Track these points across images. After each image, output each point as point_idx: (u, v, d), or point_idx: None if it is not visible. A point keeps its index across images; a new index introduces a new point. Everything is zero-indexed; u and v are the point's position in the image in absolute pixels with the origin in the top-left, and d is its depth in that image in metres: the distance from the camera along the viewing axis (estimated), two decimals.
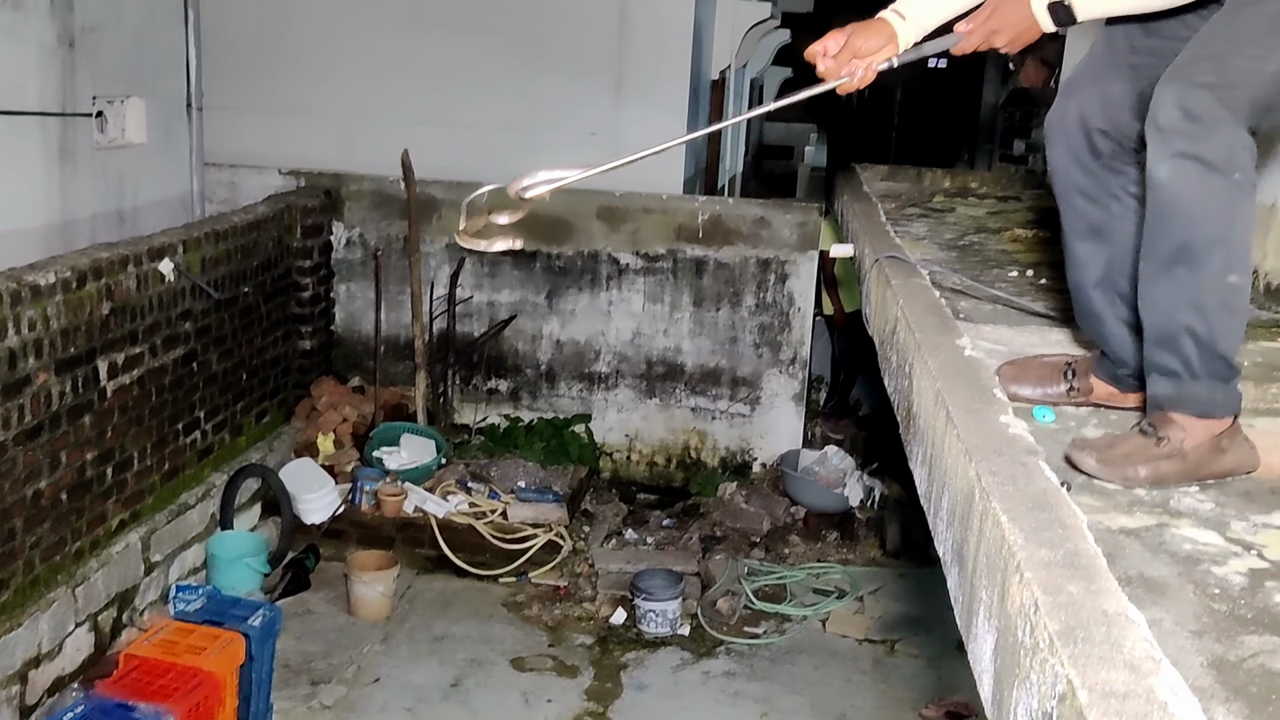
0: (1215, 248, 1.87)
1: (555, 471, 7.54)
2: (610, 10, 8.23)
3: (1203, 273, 1.88)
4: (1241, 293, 1.92)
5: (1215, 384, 1.94)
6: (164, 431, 6.08)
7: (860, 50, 2.19)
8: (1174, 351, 1.93)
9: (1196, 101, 1.85)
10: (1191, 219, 1.86)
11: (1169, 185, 1.87)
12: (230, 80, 8.05)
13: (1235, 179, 1.85)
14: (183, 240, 6.18)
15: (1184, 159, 1.85)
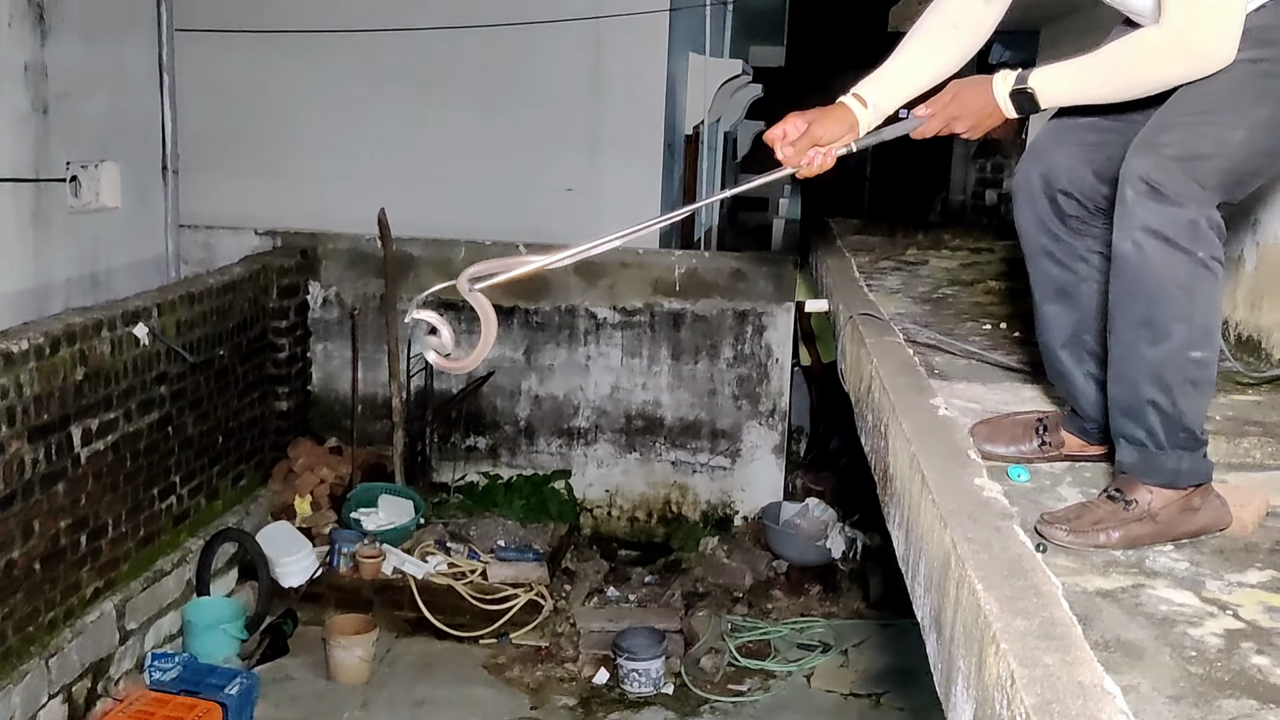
0: (1177, 324, 1.87)
1: (535, 529, 7.49)
2: (584, 69, 8.32)
3: (1165, 348, 1.88)
4: (1206, 367, 1.92)
5: (1181, 454, 1.94)
6: (139, 497, 6.02)
7: (820, 138, 2.18)
8: (1139, 423, 1.93)
9: (1163, 175, 1.85)
10: (1154, 295, 1.87)
11: (1132, 260, 1.88)
12: (206, 142, 8.07)
13: (1199, 256, 1.85)
14: (157, 303, 6.16)
15: (1148, 235, 1.85)
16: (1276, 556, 2.01)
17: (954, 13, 2.29)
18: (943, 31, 2.29)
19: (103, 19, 6.52)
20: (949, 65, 2.27)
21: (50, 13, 6.09)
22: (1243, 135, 1.91)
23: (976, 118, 2.09)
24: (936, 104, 2.13)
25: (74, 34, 6.30)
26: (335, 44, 8.17)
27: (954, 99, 2.11)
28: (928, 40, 2.30)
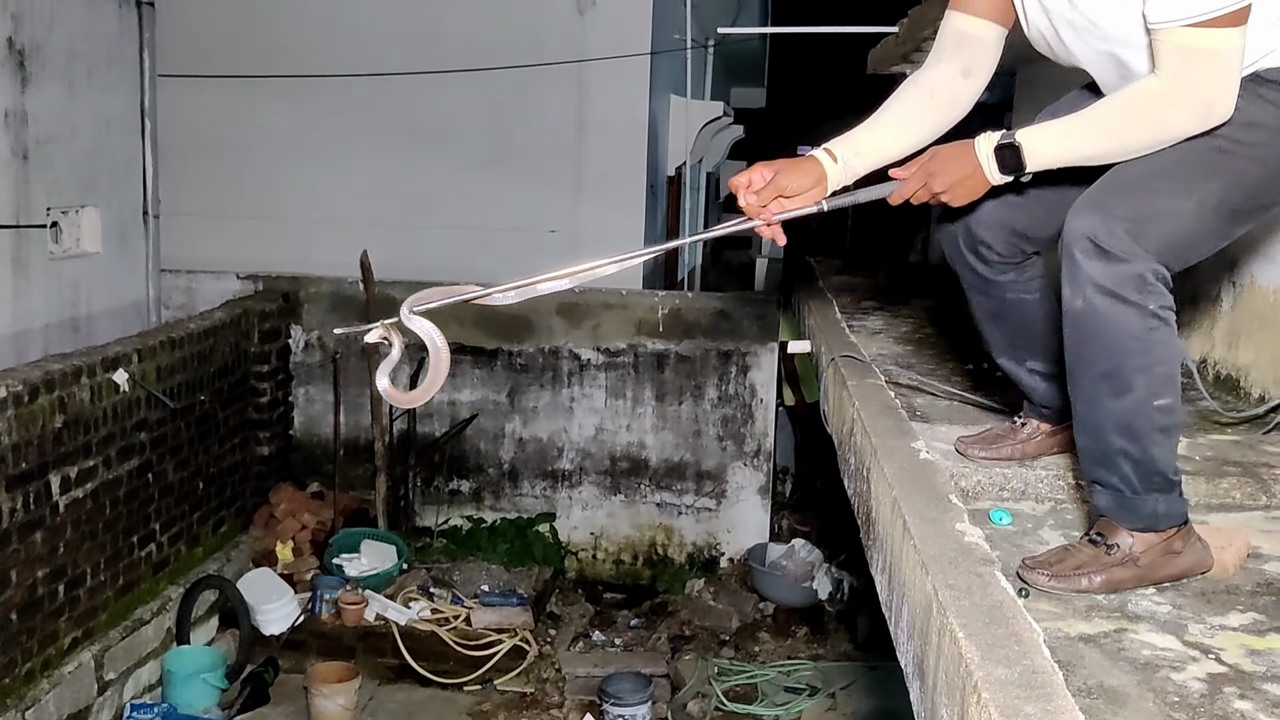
0: (1137, 375, 1.88)
1: (519, 573, 7.44)
2: (568, 112, 8.37)
3: (1129, 400, 1.89)
4: (1172, 412, 1.92)
5: (1157, 497, 1.94)
6: (118, 545, 5.96)
7: (786, 189, 2.06)
8: (1111, 470, 1.93)
9: (1108, 234, 1.85)
10: (1111, 350, 1.87)
11: (1086, 318, 1.89)
12: (188, 186, 8.07)
13: (1150, 309, 1.86)
14: (138, 349, 6.13)
15: (1098, 292, 1.86)
16: (1258, 599, 2.00)
17: (931, 84, 2.24)
18: (919, 101, 2.23)
19: (84, 65, 6.53)
20: (923, 136, 2.19)
21: (31, 59, 6.10)
22: (1192, 207, 1.92)
23: (956, 176, 1.98)
24: (912, 165, 2.03)
25: (55, 80, 6.31)
26: (317, 88, 8.21)
27: (932, 158, 2.01)
28: (903, 108, 2.23)
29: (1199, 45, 1.82)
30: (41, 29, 6.17)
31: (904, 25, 5.51)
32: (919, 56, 5.74)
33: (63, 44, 6.34)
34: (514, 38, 8.25)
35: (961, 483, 2.46)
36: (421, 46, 8.20)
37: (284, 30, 8.37)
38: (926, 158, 2.01)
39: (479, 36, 8.25)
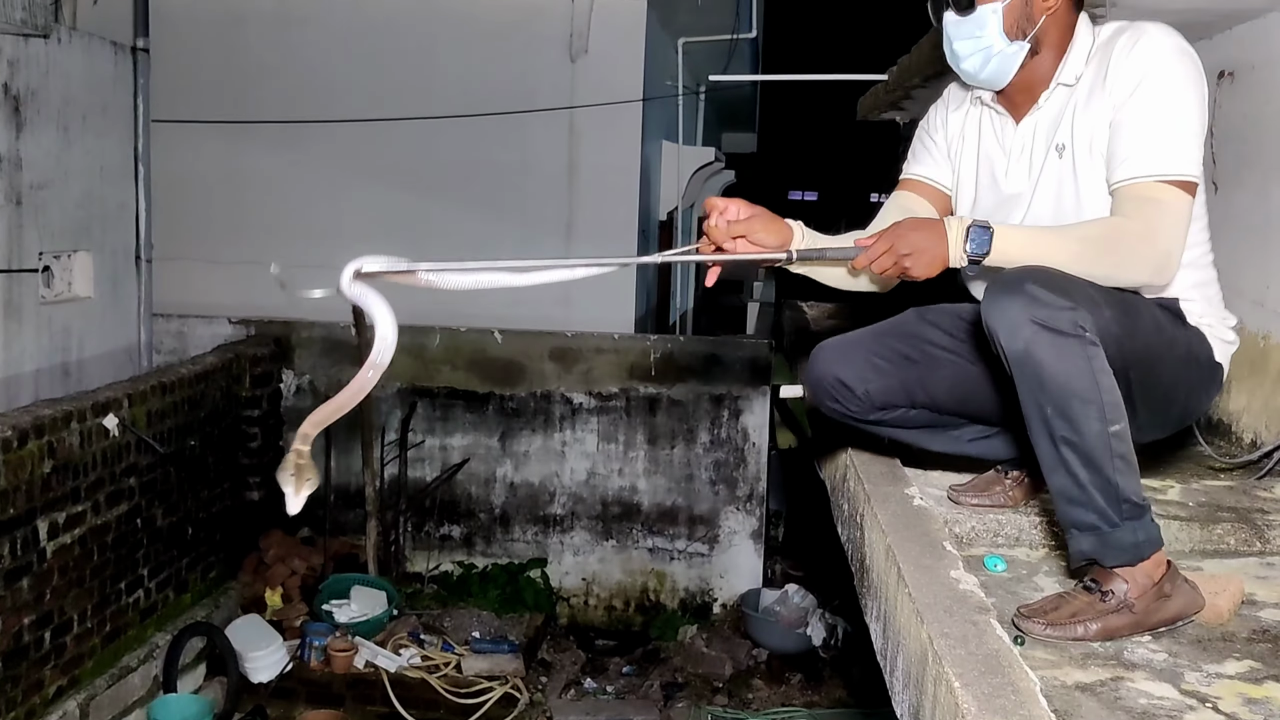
0: (1089, 407, 1.89)
1: (511, 620, 7.38)
2: (560, 157, 8.43)
3: (1087, 433, 1.90)
4: (1125, 438, 1.94)
5: (1133, 525, 1.94)
6: (105, 591, 5.90)
7: (753, 233, 2.16)
8: (1087, 507, 1.93)
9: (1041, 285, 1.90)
10: (1060, 386, 1.89)
11: (1028, 357, 1.90)
12: (180, 231, 8.09)
13: (1087, 337, 1.89)
14: (128, 394, 6.11)
15: (1036, 328, 1.88)
16: (1254, 646, 1.99)
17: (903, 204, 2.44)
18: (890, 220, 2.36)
19: (79, 111, 6.57)
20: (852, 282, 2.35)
21: (27, 105, 6.13)
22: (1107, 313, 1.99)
23: (921, 245, 2.01)
24: (885, 237, 2.03)
25: (50, 126, 6.34)
26: (309, 133, 8.26)
27: (898, 231, 2.02)
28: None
29: (1165, 199, 2.02)
30: (37, 75, 6.20)
31: (893, 73, 5.57)
32: (908, 104, 5.81)
33: (58, 90, 6.38)
34: (507, 83, 8.32)
35: (955, 529, 2.46)
36: (414, 91, 8.27)
37: (277, 76, 8.44)
38: (894, 234, 2.02)
39: (472, 82, 8.32)
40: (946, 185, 2.48)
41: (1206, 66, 3.55)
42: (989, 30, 2.15)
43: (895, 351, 2.38)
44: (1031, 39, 2.16)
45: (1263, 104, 3.30)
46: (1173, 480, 2.80)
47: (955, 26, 2.19)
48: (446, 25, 8.38)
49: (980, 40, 2.17)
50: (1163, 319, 2.17)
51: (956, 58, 2.24)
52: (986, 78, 2.23)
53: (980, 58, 2.19)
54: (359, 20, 8.40)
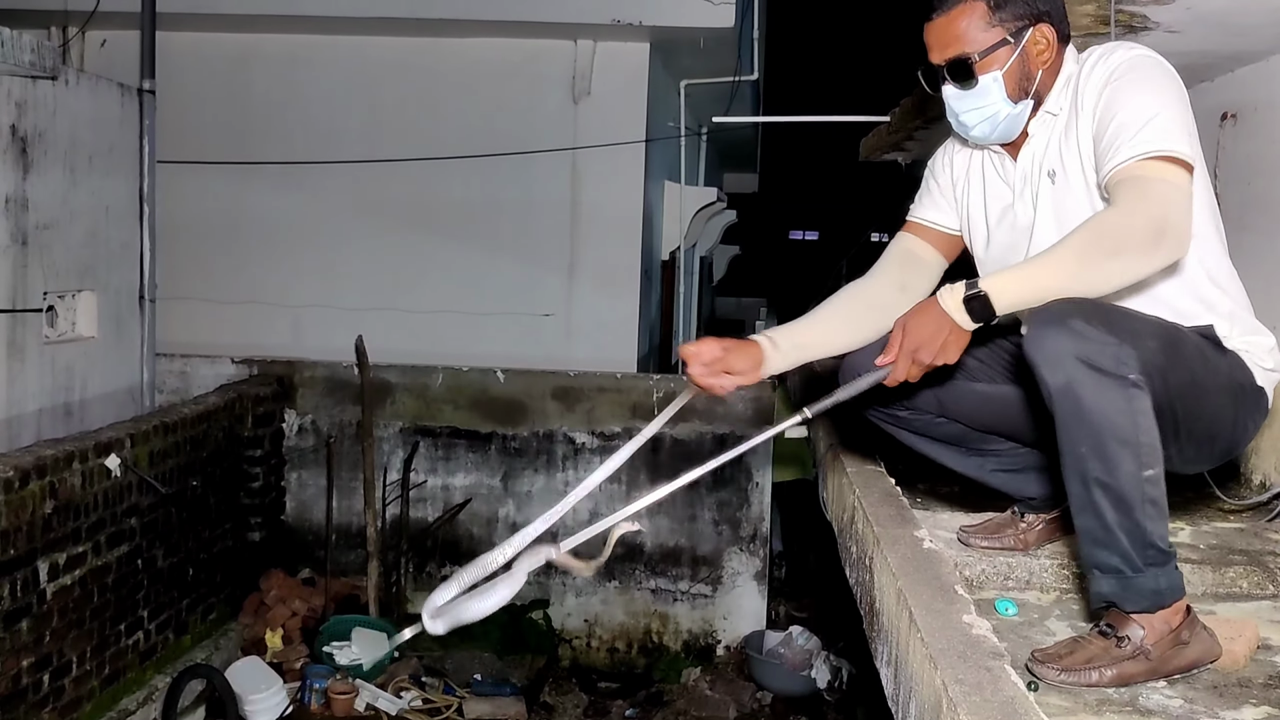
0: (1125, 449, 1.88)
1: (512, 661, 7.33)
2: (563, 198, 8.46)
3: (1121, 474, 1.89)
4: (1159, 483, 1.92)
5: (1156, 572, 1.92)
6: (105, 633, 5.85)
7: (733, 367, 2.29)
8: (1112, 549, 1.91)
9: (1085, 320, 1.89)
10: (1098, 425, 1.87)
11: (1068, 393, 1.89)
12: (184, 271, 8.11)
13: (1130, 379, 1.88)
14: (130, 434, 6.09)
15: (1079, 364, 1.87)
16: (1271, 691, 1.97)
17: (869, 296, 2.47)
18: (857, 310, 2.44)
19: (85, 152, 6.59)
20: (857, 340, 2.38)
21: (33, 146, 6.16)
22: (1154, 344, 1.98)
23: (937, 341, 1.96)
24: (892, 348, 2.00)
25: (56, 166, 6.36)
26: (313, 174, 8.30)
27: (905, 334, 1.98)
28: (843, 313, 2.45)
29: (1150, 174, 1.96)
30: (45, 116, 6.24)
31: (895, 115, 5.60)
32: (910, 145, 5.84)
33: (65, 131, 6.41)
34: (509, 124, 8.38)
35: (966, 572, 2.44)
36: (418, 132, 8.32)
37: (282, 117, 8.50)
38: (900, 336, 1.98)
39: (475, 123, 8.37)
40: (950, 228, 2.49)
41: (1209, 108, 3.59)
42: (993, 98, 2.16)
43: None
44: (1033, 93, 2.17)
45: (1267, 145, 3.31)
46: (1182, 522, 2.78)
47: (958, 99, 2.20)
48: (450, 67, 8.44)
49: (986, 109, 2.18)
50: (1204, 346, 2.14)
51: (964, 127, 2.24)
52: (998, 138, 2.25)
53: (988, 124, 2.20)
54: (363, 62, 8.47)
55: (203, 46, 8.40)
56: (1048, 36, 2.15)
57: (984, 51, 2.13)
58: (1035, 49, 2.14)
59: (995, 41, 2.12)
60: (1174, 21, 2.91)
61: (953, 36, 2.14)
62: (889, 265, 2.51)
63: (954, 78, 2.17)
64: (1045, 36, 2.15)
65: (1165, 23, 2.92)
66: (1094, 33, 2.93)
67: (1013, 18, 2.12)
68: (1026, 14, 2.13)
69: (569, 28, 8.16)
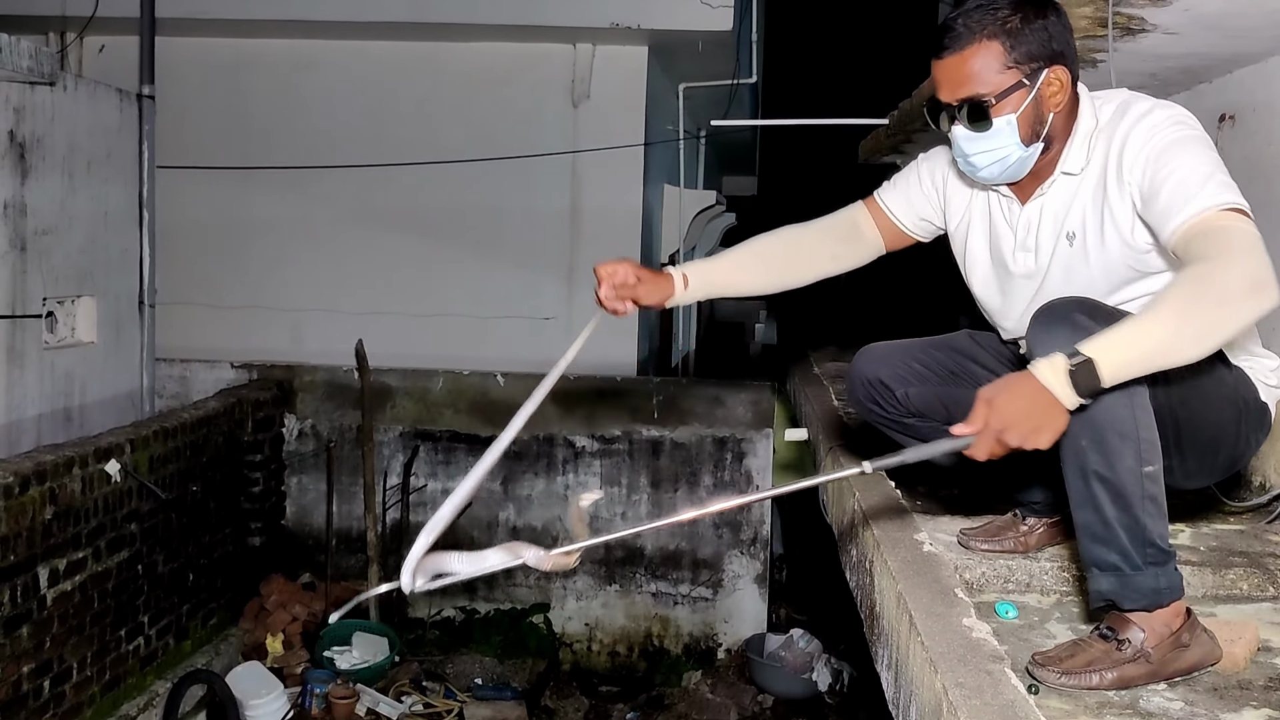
0: (1125, 443, 1.88)
1: (513, 665, 7.32)
2: (562, 201, 8.47)
3: (1120, 469, 1.89)
4: (1158, 480, 1.93)
5: (1156, 571, 1.93)
6: (105, 639, 5.85)
7: (641, 298, 2.35)
8: (1111, 546, 1.92)
9: (1087, 319, 1.89)
10: (1098, 418, 1.86)
11: None
12: (184, 276, 8.11)
13: None
14: (130, 439, 6.09)
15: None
16: (1271, 694, 1.97)
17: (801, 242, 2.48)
18: (775, 257, 2.46)
19: (84, 158, 6.60)
20: (765, 285, 2.45)
21: (32, 152, 6.16)
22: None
23: (1029, 422, 1.73)
24: (975, 420, 1.75)
25: (55, 172, 6.37)
26: (313, 178, 8.30)
27: (992, 410, 1.74)
28: (764, 256, 2.46)
29: (1229, 224, 1.87)
30: (43, 122, 6.24)
31: (894, 117, 5.61)
32: (909, 148, 5.84)
33: (64, 137, 6.41)
34: (509, 128, 8.38)
35: (966, 575, 2.44)
36: (417, 137, 8.32)
37: (281, 122, 8.50)
38: (984, 410, 1.74)
39: (474, 127, 8.38)
40: (907, 227, 2.50)
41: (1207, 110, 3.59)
42: (1005, 140, 2.10)
43: (940, 364, 2.41)
44: (1044, 137, 2.12)
45: (1265, 146, 3.31)
46: (1182, 524, 2.78)
47: (969, 141, 2.12)
48: (449, 71, 8.45)
49: (997, 152, 2.11)
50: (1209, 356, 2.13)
51: (973, 168, 2.17)
52: (1005, 179, 2.20)
53: (998, 166, 2.14)
54: (363, 67, 8.47)
55: (202, 51, 8.41)
56: (1061, 79, 2.09)
57: (1000, 94, 2.06)
58: (1049, 90, 2.08)
59: (1011, 84, 2.06)
60: (1172, 24, 2.91)
61: (966, 76, 2.07)
62: (829, 230, 2.51)
63: (967, 119, 2.10)
64: (1059, 79, 2.09)
65: (1163, 25, 2.92)
66: (1092, 35, 2.94)
67: (1028, 59, 2.06)
68: (1042, 55, 2.06)
69: (568, 31, 8.17)
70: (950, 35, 2.08)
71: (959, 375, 2.40)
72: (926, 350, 2.45)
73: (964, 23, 2.06)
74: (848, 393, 2.53)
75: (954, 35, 2.07)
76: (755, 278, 2.45)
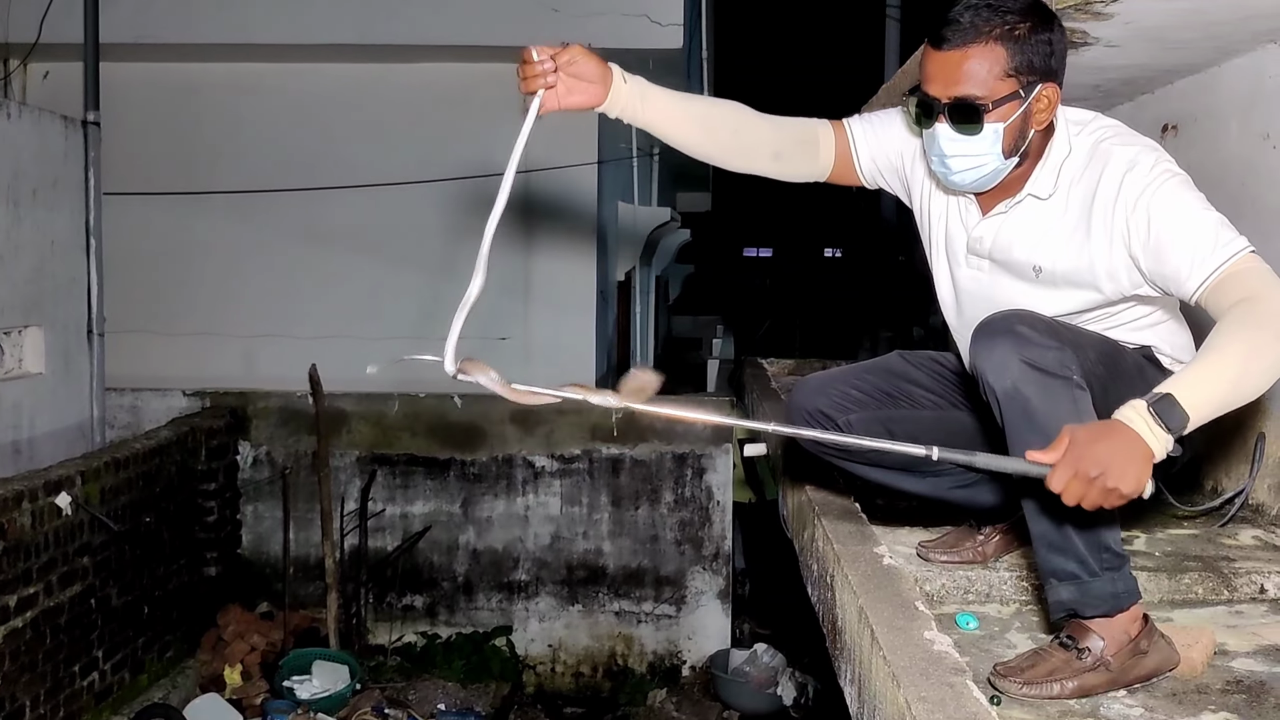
0: None
1: (476, 690, 7.26)
2: (516, 220, 8.44)
3: None
4: None
5: (1112, 576, 1.95)
6: (59, 675, 5.73)
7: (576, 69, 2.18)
8: (1068, 554, 1.94)
9: (1029, 329, 1.93)
10: (1046, 425, 1.87)
11: (1016, 396, 1.92)
12: (133, 303, 7.99)
13: (1075, 380, 1.92)
14: (81, 471, 5.99)
15: (1024, 366, 1.90)
16: (1229, 697, 1.99)
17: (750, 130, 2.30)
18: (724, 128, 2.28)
19: (29, 185, 6.50)
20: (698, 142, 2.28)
21: None
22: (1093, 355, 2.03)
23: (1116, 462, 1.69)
24: (1056, 449, 1.72)
25: (0, 201, 6.27)
26: (262, 202, 8.22)
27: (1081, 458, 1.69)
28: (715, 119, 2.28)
29: (1255, 266, 1.88)
30: None
31: None
32: None
33: (8, 164, 6.31)
34: (460, 149, 8.34)
35: (926, 587, 2.45)
36: (369, 159, 8.26)
37: (229, 146, 8.41)
38: (1072, 446, 1.70)
39: (426, 148, 8.33)
40: (861, 165, 2.37)
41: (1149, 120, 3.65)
42: (988, 148, 2.04)
43: (876, 388, 2.40)
44: (1022, 153, 2.08)
45: (1207, 155, 3.37)
46: (1137, 529, 2.81)
47: (951, 141, 2.05)
48: (400, 92, 8.41)
49: (978, 158, 2.05)
50: (1143, 364, 2.18)
51: (946, 170, 2.10)
52: (973, 186, 2.14)
53: (973, 174, 2.09)
54: (312, 89, 8.41)
55: (149, 77, 8.31)
56: (1051, 97, 2.04)
57: (997, 101, 1.99)
58: (1038, 106, 2.03)
59: (1007, 93, 1.99)
60: (1113, 37, 2.95)
61: (963, 74, 1.99)
62: (786, 130, 2.33)
63: (956, 119, 2.02)
64: (1049, 97, 2.03)
65: (1105, 38, 2.97)
66: None
67: (1028, 70, 1.99)
68: (1040, 69, 2.01)
69: (517, 51, 8.13)
70: (955, 28, 1.99)
71: (896, 397, 2.39)
72: (861, 376, 2.42)
73: (971, 19, 1.98)
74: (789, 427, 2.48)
75: (959, 29, 1.98)
76: (693, 136, 2.26)
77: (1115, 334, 2.19)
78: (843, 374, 2.44)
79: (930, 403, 2.42)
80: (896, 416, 2.31)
